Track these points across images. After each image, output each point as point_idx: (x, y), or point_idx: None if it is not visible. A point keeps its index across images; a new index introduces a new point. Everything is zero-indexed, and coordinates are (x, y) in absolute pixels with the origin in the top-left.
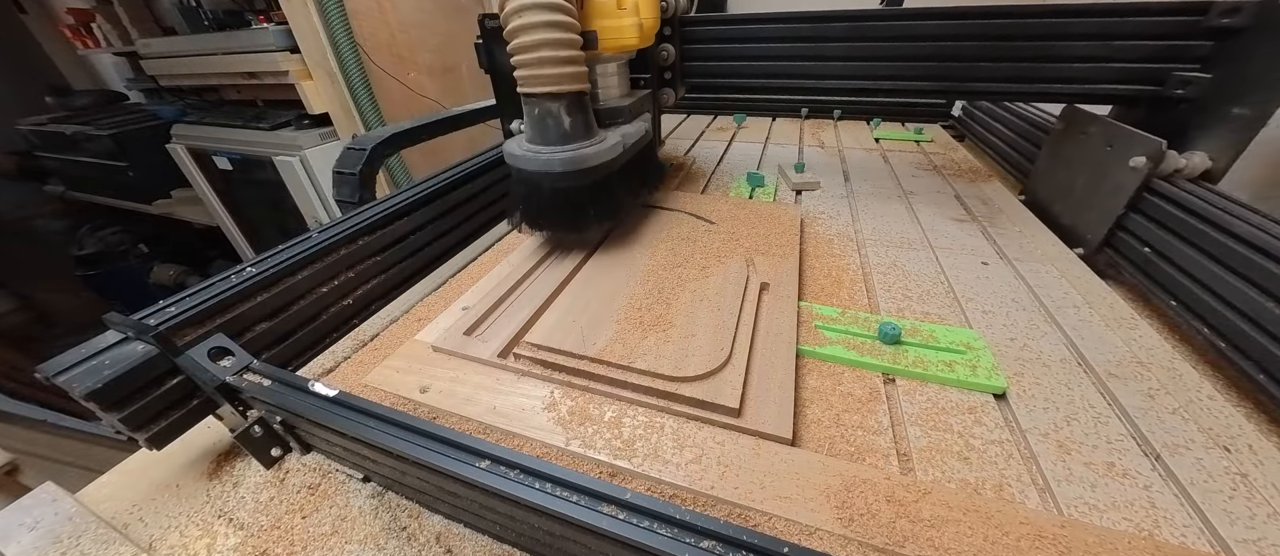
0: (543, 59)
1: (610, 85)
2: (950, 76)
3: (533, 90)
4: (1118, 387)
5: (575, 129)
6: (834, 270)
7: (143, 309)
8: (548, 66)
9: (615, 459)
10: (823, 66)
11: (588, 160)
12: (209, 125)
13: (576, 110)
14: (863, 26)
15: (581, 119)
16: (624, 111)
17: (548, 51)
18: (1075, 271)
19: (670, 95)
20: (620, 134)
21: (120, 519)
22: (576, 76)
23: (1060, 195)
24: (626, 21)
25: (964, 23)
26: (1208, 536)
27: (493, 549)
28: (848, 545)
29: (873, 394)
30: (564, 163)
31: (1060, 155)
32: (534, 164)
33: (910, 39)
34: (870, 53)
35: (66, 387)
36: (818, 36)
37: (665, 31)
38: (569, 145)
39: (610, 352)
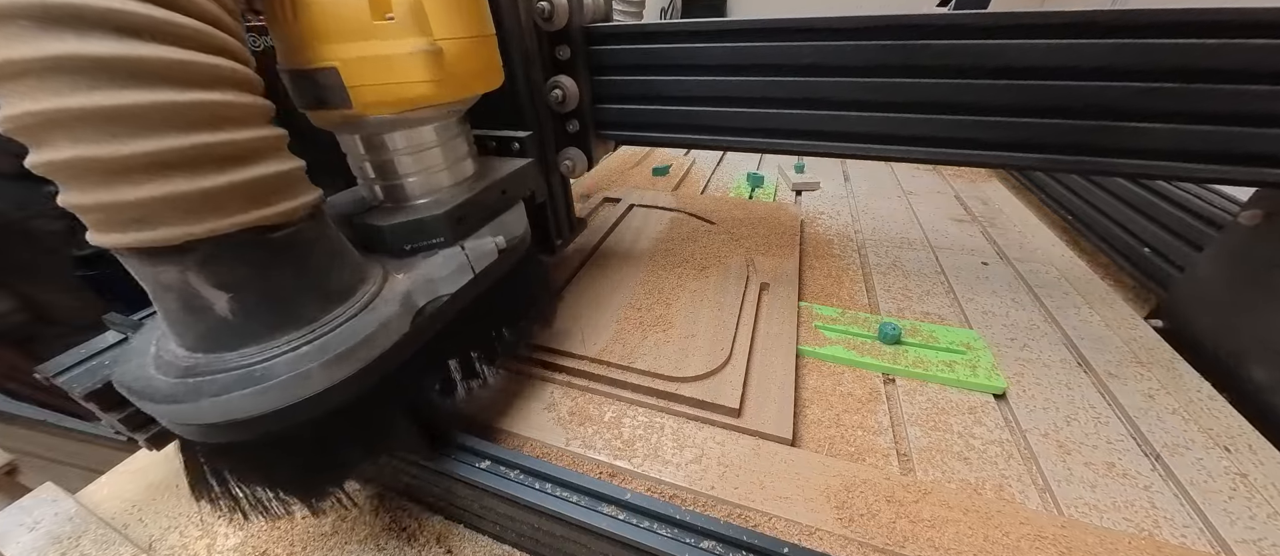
0: (77, 165)
1: (424, 167)
2: (1068, 144)
3: (99, 239)
4: (1118, 387)
5: (252, 310)
6: (834, 270)
7: (143, 309)
8: (101, 184)
9: (615, 459)
10: (837, 118)
11: (286, 390)
12: None
13: (252, 269)
14: (914, 49)
15: (273, 283)
16: (437, 224)
17: (81, 145)
18: (1075, 272)
19: (579, 160)
20: (418, 279)
21: (120, 519)
22: (224, 195)
23: (1266, 355)
24: (396, 50)
25: (1118, 46)
26: (1208, 536)
27: (493, 549)
28: (848, 545)
29: (873, 394)
30: (218, 406)
31: (1260, 278)
32: (160, 412)
33: (1002, 74)
34: (925, 96)
35: (66, 388)
36: (833, 65)
37: (559, 55)
38: (240, 353)
39: (610, 353)
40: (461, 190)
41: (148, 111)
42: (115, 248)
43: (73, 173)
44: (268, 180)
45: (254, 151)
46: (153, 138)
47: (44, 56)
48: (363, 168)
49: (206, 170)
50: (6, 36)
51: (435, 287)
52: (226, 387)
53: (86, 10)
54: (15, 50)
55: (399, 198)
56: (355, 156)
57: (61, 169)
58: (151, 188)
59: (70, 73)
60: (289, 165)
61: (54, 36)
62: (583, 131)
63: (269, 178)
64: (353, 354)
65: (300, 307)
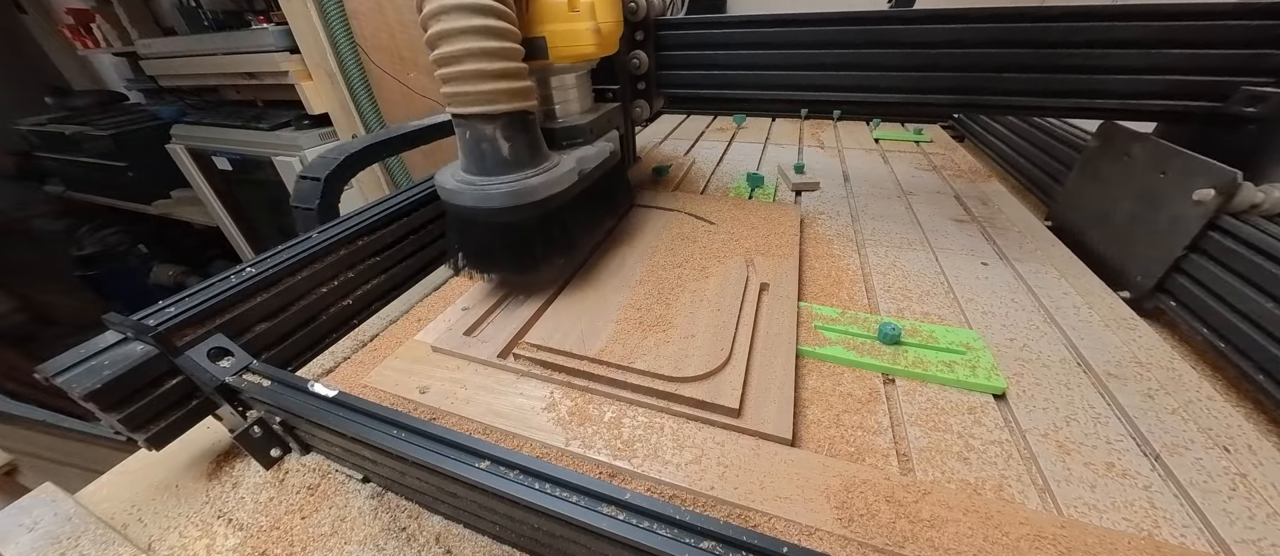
0: (470, 73)
1: (567, 100)
2: (970, 89)
3: (462, 110)
4: (1117, 388)
5: (517, 155)
6: (834, 270)
7: (142, 309)
8: (477, 81)
9: (615, 459)
10: (822, 76)
11: (533, 192)
12: (209, 125)
13: (518, 132)
14: (870, 31)
15: (524, 142)
16: (582, 130)
17: (475, 63)
18: (1075, 271)
19: (644, 108)
20: (577, 158)
21: (119, 519)
22: (515, 92)
23: (1096, 223)
24: (580, 26)
25: (985, 27)
26: (1207, 536)
27: (493, 549)
28: (847, 545)
29: (872, 394)
30: (505, 196)
31: (1097, 178)
32: (467, 197)
33: (924, 45)
34: (878, 61)
35: (66, 388)
36: (816, 42)
37: (637, 37)
38: (509, 175)
39: (610, 353)
40: (588, 115)
41: (498, 50)
42: (471, 114)
43: (466, 77)
44: (528, 88)
45: (524, 74)
46: (498, 61)
47: (466, 25)
48: (547, 95)
49: (512, 79)
50: (451, 16)
51: (585, 161)
52: (507, 187)
53: (481, 4)
54: (455, 22)
55: (553, 117)
56: (544, 88)
57: (462, 74)
58: (495, 85)
59: (475, 33)
60: (531, 82)
61: (469, 14)
62: (648, 89)
63: (528, 87)
64: (555, 183)
65: (531, 157)
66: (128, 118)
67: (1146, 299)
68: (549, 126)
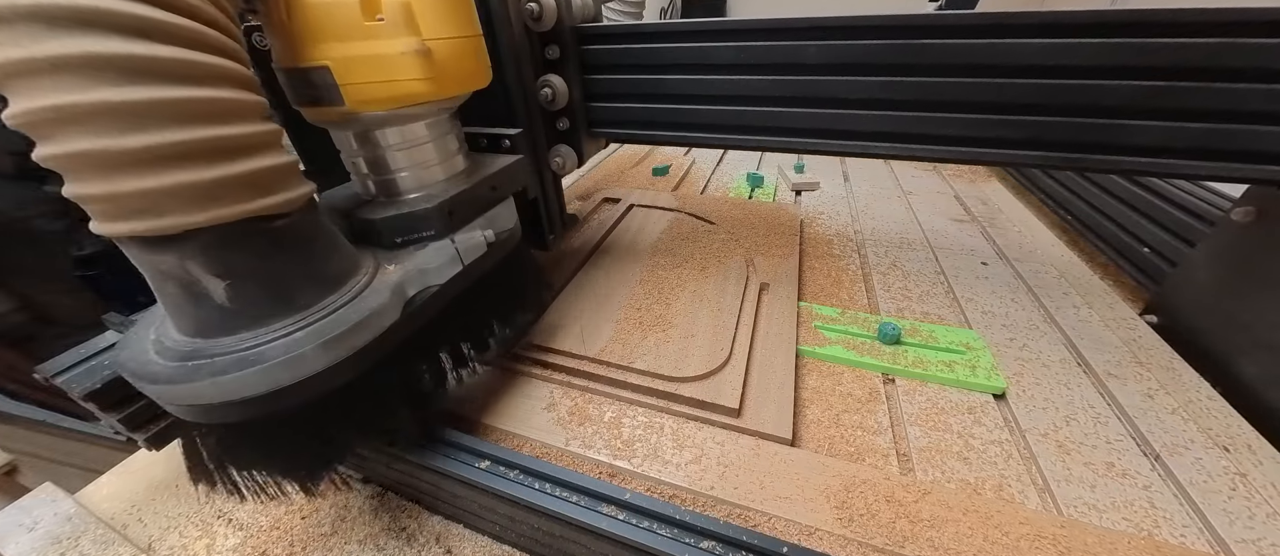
0: (84, 158)
1: (416, 163)
2: (1064, 142)
3: (103, 229)
4: (1117, 388)
5: (249, 297)
6: (834, 270)
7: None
8: (107, 175)
9: (615, 459)
10: (837, 117)
11: (282, 371)
12: None
13: (251, 257)
14: (913, 48)
15: (270, 271)
16: (428, 217)
17: (89, 138)
18: (1075, 271)
19: (569, 158)
20: (409, 271)
21: (119, 519)
22: (224, 186)
23: (1257, 349)
24: (387, 50)
25: (1109, 45)
26: (1207, 536)
27: (493, 549)
28: (847, 545)
29: (872, 394)
30: (217, 386)
31: (1249, 270)
32: (161, 393)
33: (997, 72)
34: (924, 95)
35: (66, 387)
36: (832, 64)
37: (548, 54)
38: (236, 337)
39: (610, 353)
40: (453, 185)
41: (150, 107)
42: (118, 236)
43: (78, 165)
44: (264, 172)
45: (252, 145)
46: (155, 132)
47: (51, 55)
48: (356, 163)
49: (207, 162)
50: (14, 36)
51: (426, 278)
52: (223, 369)
53: (91, 11)
54: (24, 49)
55: (391, 192)
56: (348, 152)
57: (67, 161)
58: (154, 179)
59: (75, 70)
60: (284, 159)
61: (60, 36)
62: (573, 129)
63: (266, 170)
64: (345, 339)
65: (295, 294)
66: None
67: None
68: (366, 215)
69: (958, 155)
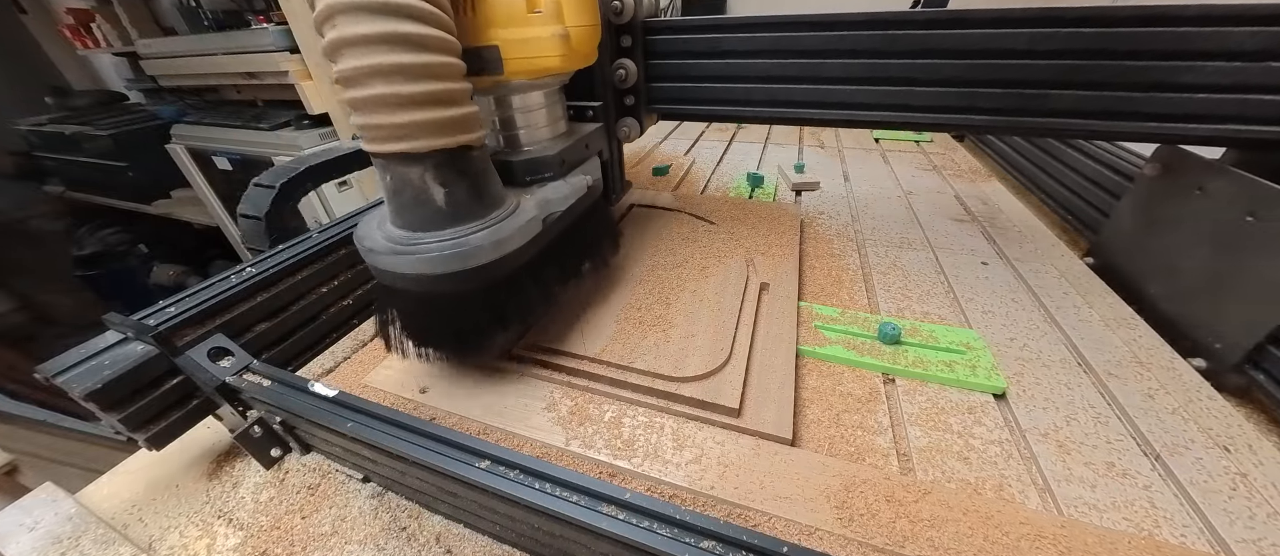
0: (381, 99)
1: (533, 124)
2: (1008, 109)
3: (375, 148)
4: (1117, 387)
5: (456, 204)
6: (834, 270)
7: (142, 309)
8: (391, 110)
9: (615, 459)
10: (835, 92)
11: (477, 254)
12: (209, 125)
13: (456, 174)
14: (895, 36)
15: (466, 187)
16: (550, 163)
17: (386, 85)
18: (1075, 271)
19: (634, 128)
20: (540, 201)
21: (120, 519)
22: (450, 123)
23: (1159, 274)
24: (542, 33)
25: (1035, 34)
26: (1208, 536)
27: (493, 549)
28: (847, 545)
29: (873, 394)
30: (439, 261)
31: (1157, 215)
32: (390, 261)
33: (957, 54)
34: (902, 73)
35: (66, 388)
36: (832, 49)
37: (623, 42)
38: (446, 231)
39: (610, 352)
40: (561, 141)
41: (418, 68)
42: (388, 154)
43: (373, 104)
44: (469, 117)
45: (462, 97)
46: (420, 83)
47: (370, 33)
48: (493, 121)
49: (443, 106)
50: (350, 20)
51: (551, 205)
52: (438, 251)
53: (393, 4)
54: (354, 28)
55: (516, 144)
56: (487, 112)
57: (366, 101)
58: (415, 115)
59: (383, 43)
60: (476, 108)
61: (376, 19)
62: (636, 105)
63: (469, 115)
64: (509, 240)
65: (478, 207)
66: (128, 117)
67: (1230, 373)
68: (506, 159)
69: (927, 122)
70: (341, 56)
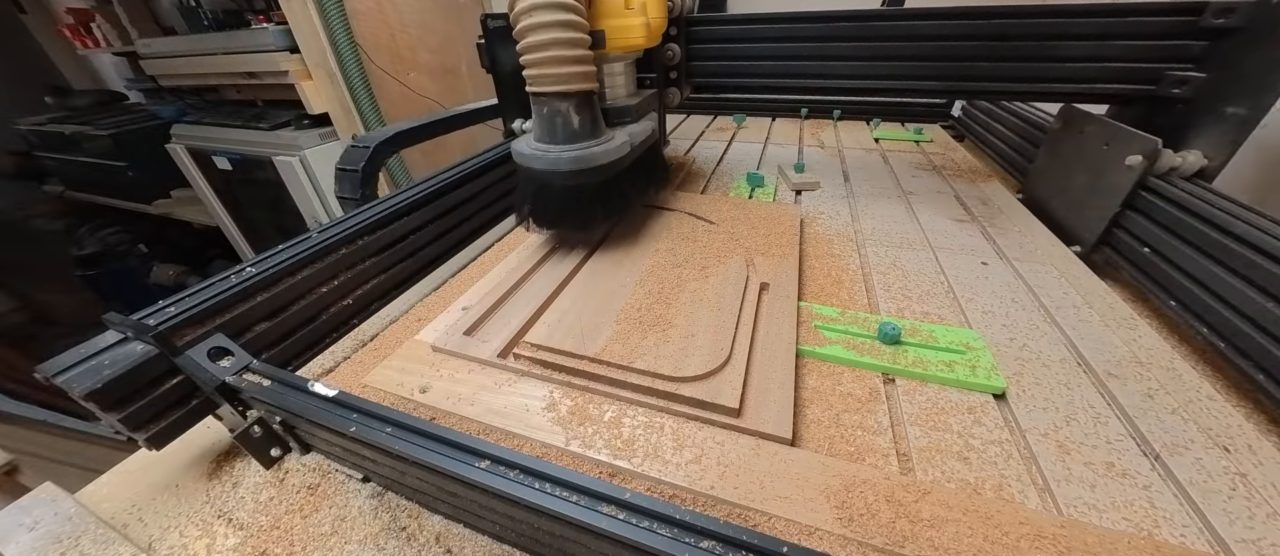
0: (552, 58)
1: (617, 85)
2: (950, 76)
3: (542, 89)
4: (1117, 387)
5: (583, 128)
6: (834, 270)
7: (142, 309)
8: (557, 66)
9: (615, 459)
10: (826, 66)
11: (596, 159)
12: (209, 125)
13: (584, 109)
14: (865, 26)
15: (589, 118)
16: (630, 111)
17: (557, 51)
18: (1075, 271)
19: (676, 95)
20: (627, 133)
21: (120, 519)
22: (585, 76)
23: (1057, 192)
24: (634, 21)
25: (963, 23)
26: (1207, 536)
27: (493, 549)
28: (847, 545)
29: (872, 394)
30: (573, 161)
31: (1058, 154)
32: (542, 162)
33: (911, 39)
34: (873, 53)
35: (66, 387)
36: (822, 36)
37: (671, 31)
38: (577, 144)
39: (610, 353)
40: (634, 97)
41: (575, 40)
42: (549, 92)
43: (544, 61)
44: (593, 72)
45: (591, 60)
46: (573, 48)
47: (550, 19)
48: (603, 79)
49: (582, 64)
50: (538, 10)
51: (634, 137)
52: (575, 154)
53: (564, 3)
54: (540, 15)
55: (605, 99)
56: (603, 75)
57: (546, 59)
58: (572, 68)
59: (558, 26)
60: (594, 68)
61: (554, 10)
62: (679, 78)
63: (593, 71)
64: (613, 152)
65: (593, 131)
66: (128, 117)
67: (1093, 252)
68: (603, 107)
69: (895, 87)
70: (530, 33)
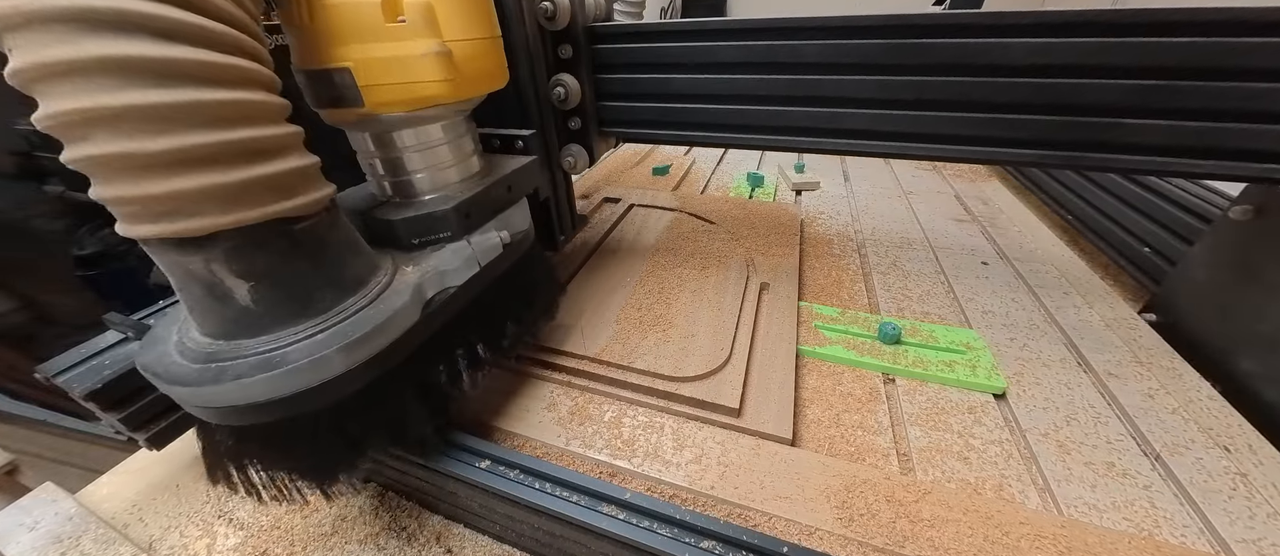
0: (112, 160)
1: (433, 164)
2: (1061, 141)
3: (128, 231)
4: (1118, 387)
5: (273, 300)
6: (834, 270)
7: (143, 309)
8: (135, 178)
9: (615, 459)
10: (837, 116)
11: (306, 373)
12: None
13: (272, 259)
14: (914, 48)
15: (293, 274)
16: (445, 219)
17: (117, 140)
18: (1075, 271)
19: (580, 157)
20: (427, 272)
21: (120, 519)
22: (249, 189)
23: (1254, 346)
24: (411, 50)
25: (1106, 44)
26: (1208, 536)
27: (493, 549)
28: (847, 545)
29: (873, 394)
30: (240, 389)
31: (1248, 271)
32: (182, 395)
33: (996, 71)
34: (917, 93)
35: (66, 387)
36: (833, 63)
37: (562, 54)
38: (259, 340)
39: (610, 353)
40: (468, 186)
41: (179, 109)
42: (146, 239)
43: (108, 167)
44: (288, 175)
45: (276, 147)
46: (183, 134)
47: (84, 57)
48: (372, 164)
49: (232, 164)
50: (49, 38)
51: (443, 279)
52: (247, 372)
53: (123, 14)
54: (57, 51)
55: (408, 193)
56: (365, 153)
57: (96, 164)
58: (181, 181)
59: (108, 72)
60: (307, 161)
61: (93, 38)
62: (584, 128)
63: (289, 172)
64: (366, 341)
65: (316, 297)
66: None
67: None
68: (385, 215)
69: (953, 154)
70: (40, 94)
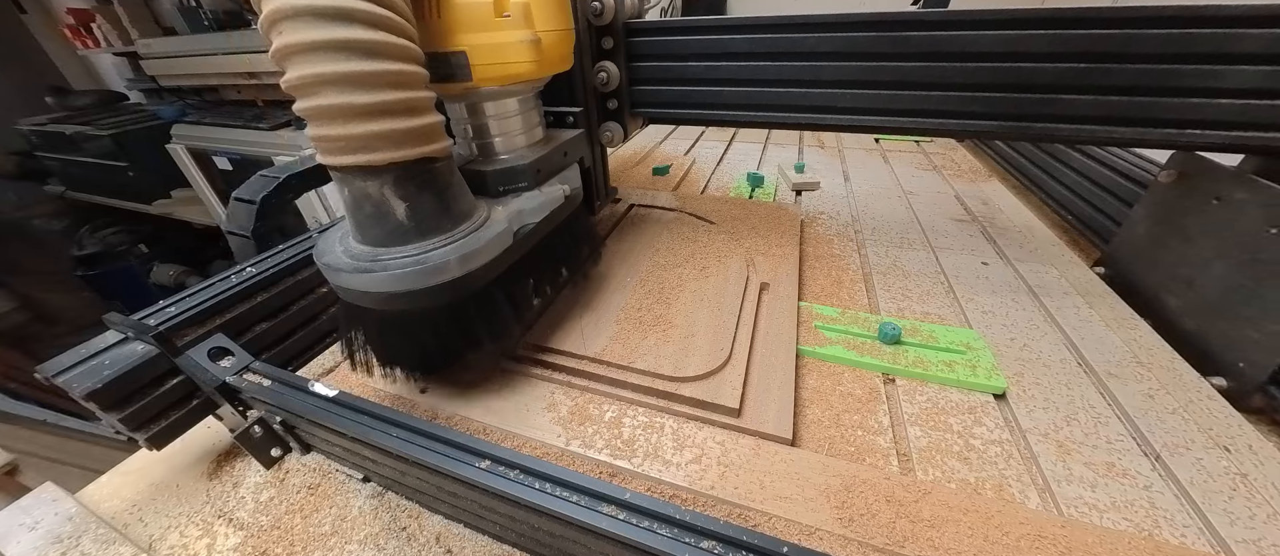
0: (332, 109)
1: (507, 132)
2: (1014, 111)
3: (331, 161)
4: (1118, 387)
5: (420, 218)
6: (834, 270)
7: (142, 309)
8: (344, 122)
9: (615, 459)
10: (832, 95)
11: (442, 270)
12: (209, 125)
13: (418, 188)
14: (895, 39)
15: (430, 201)
16: (524, 172)
17: (337, 95)
18: (1075, 272)
19: (617, 133)
20: (512, 213)
21: (120, 519)
22: (410, 134)
23: (1176, 287)
24: (512, 38)
25: (1050, 36)
26: (1208, 536)
27: (493, 549)
28: (847, 545)
29: (873, 394)
30: (401, 278)
31: (1174, 226)
32: (351, 278)
33: (962, 58)
34: (902, 76)
35: (66, 387)
36: (829, 52)
37: (604, 44)
38: (410, 246)
39: (610, 353)
40: (537, 149)
41: (375, 75)
42: (344, 166)
43: (328, 114)
44: (431, 126)
45: (424, 106)
46: (376, 92)
47: (323, 39)
48: (465, 129)
49: (401, 116)
50: (300, 26)
51: (523, 217)
52: (403, 266)
53: (347, 10)
54: (306, 35)
55: (489, 153)
56: (458, 120)
57: (321, 111)
58: (372, 126)
59: (336, 49)
60: (439, 118)
61: (328, 26)
62: (619, 109)
63: (432, 125)
64: (480, 253)
65: (444, 220)
66: (128, 117)
67: (1254, 393)
68: (478, 168)
69: (928, 127)
70: (290, 64)
